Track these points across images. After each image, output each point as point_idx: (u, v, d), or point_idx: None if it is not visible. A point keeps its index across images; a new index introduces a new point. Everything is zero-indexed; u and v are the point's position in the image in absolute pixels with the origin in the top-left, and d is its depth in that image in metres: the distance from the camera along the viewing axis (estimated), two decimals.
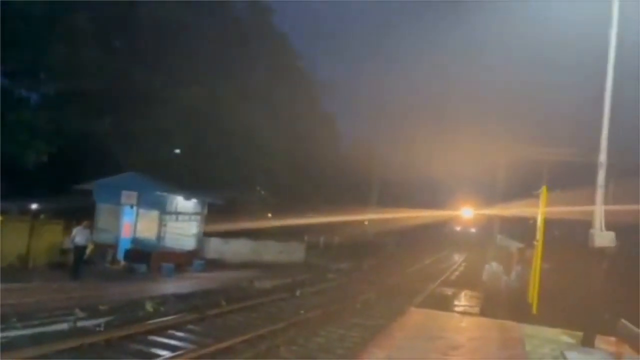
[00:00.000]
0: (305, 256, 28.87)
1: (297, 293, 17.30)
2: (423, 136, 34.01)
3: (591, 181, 9.05)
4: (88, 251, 17.31)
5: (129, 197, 20.35)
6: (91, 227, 18.01)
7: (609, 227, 8.67)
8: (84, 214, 19.01)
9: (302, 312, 14.06)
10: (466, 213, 46.24)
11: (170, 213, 21.12)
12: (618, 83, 9.07)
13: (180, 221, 21.84)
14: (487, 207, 33.04)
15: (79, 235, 16.65)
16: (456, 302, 19.55)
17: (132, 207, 20.49)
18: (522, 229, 25.09)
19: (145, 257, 19.26)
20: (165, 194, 20.80)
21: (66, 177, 21.88)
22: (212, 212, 23.49)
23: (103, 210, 20.78)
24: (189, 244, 22.27)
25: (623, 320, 8.91)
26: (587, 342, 8.75)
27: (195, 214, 22.77)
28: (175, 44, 26.51)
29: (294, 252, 28.33)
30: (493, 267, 22.82)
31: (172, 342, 10.07)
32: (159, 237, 20.46)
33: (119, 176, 21.08)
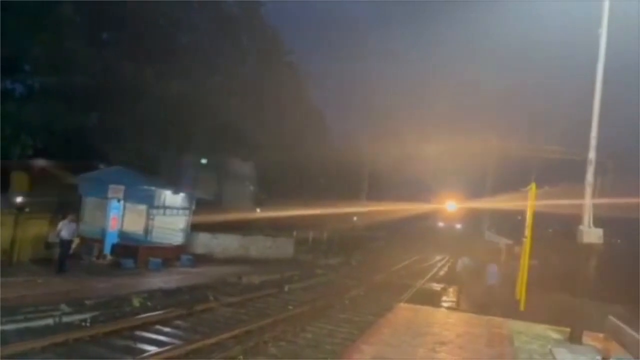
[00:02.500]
0: (294, 252, 28.83)
1: (286, 289, 17.25)
2: (413, 132, 34.00)
3: (580, 178, 9.11)
4: (74, 245, 17.10)
5: (115, 191, 20.12)
6: (77, 220, 17.78)
7: (597, 221, 8.74)
8: (70, 208, 18.78)
9: (290, 307, 14.03)
10: (450, 207, 46.24)
11: (158, 207, 20.89)
12: (608, 82, 9.12)
13: (168, 215, 21.62)
14: (474, 202, 33.17)
15: (64, 229, 16.45)
16: (444, 298, 19.65)
17: (119, 201, 20.28)
18: (511, 225, 25.31)
19: (132, 251, 19.08)
20: (152, 188, 20.58)
21: (52, 170, 21.56)
22: (200, 207, 23.34)
23: (89, 204, 20.54)
24: (177, 238, 22.09)
25: (610, 317, 8.96)
26: (574, 339, 8.80)
27: (184, 208, 22.58)
28: (163, 37, 26.20)
29: (283, 247, 28.27)
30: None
31: (159, 337, 9.99)
32: (147, 232, 20.25)
33: (106, 170, 20.84)
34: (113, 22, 25.54)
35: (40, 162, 21.53)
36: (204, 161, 26.73)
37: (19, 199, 17.91)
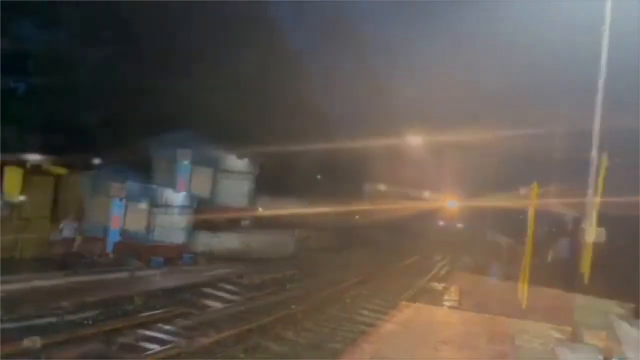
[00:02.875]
0: (295, 250, 28.79)
1: (287, 287, 17.26)
2: (416, 131, 33.75)
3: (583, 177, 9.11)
4: (76, 244, 17.16)
5: (117, 189, 20.19)
6: (78, 220, 17.84)
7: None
8: (72, 205, 18.84)
9: (292, 307, 14.02)
10: (451, 204, 46.18)
11: (159, 206, 20.98)
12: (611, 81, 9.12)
13: (170, 214, 21.69)
14: (476, 201, 33.15)
15: (66, 228, 16.55)
16: (446, 297, 19.60)
17: (120, 200, 20.33)
18: (513, 224, 25.30)
19: (134, 250, 19.13)
20: (154, 186, 20.67)
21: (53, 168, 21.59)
22: (201, 206, 23.35)
23: (91, 203, 20.60)
24: (179, 237, 22.12)
25: (612, 315, 8.96)
26: (576, 337, 8.79)
27: (185, 207, 22.62)
28: (165, 32, 26.09)
29: (284, 246, 28.23)
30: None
31: (160, 335, 10.01)
32: (148, 231, 20.32)
33: (107, 168, 20.89)
34: (115, 18, 25.44)
35: (41, 160, 21.57)
36: (198, 158, 26.30)
37: (19, 197, 17.93)
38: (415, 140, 30.83)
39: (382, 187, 46.48)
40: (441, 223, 66.84)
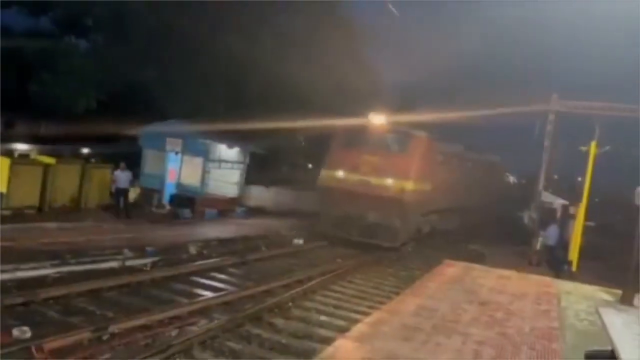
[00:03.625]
0: None
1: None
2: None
3: None
4: (134, 195, 17.84)
5: (173, 143, 20.80)
6: (129, 169, 18.36)
7: None
8: (132, 159, 19.56)
9: (339, 260, 14.36)
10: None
11: (213, 160, 21.47)
12: None
13: (223, 169, 22.19)
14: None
15: (120, 178, 17.44)
16: None
17: (176, 153, 20.96)
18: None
19: (189, 202, 19.82)
20: (208, 141, 21.10)
21: (114, 123, 22.32)
22: (254, 161, 23.67)
23: (149, 156, 21.36)
24: (232, 191, 22.70)
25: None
26: (625, 300, 8.67)
27: (238, 162, 23.07)
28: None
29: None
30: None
31: (214, 283, 10.53)
32: (203, 184, 20.92)
33: (164, 123, 21.44)
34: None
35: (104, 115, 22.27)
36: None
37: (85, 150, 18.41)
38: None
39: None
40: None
